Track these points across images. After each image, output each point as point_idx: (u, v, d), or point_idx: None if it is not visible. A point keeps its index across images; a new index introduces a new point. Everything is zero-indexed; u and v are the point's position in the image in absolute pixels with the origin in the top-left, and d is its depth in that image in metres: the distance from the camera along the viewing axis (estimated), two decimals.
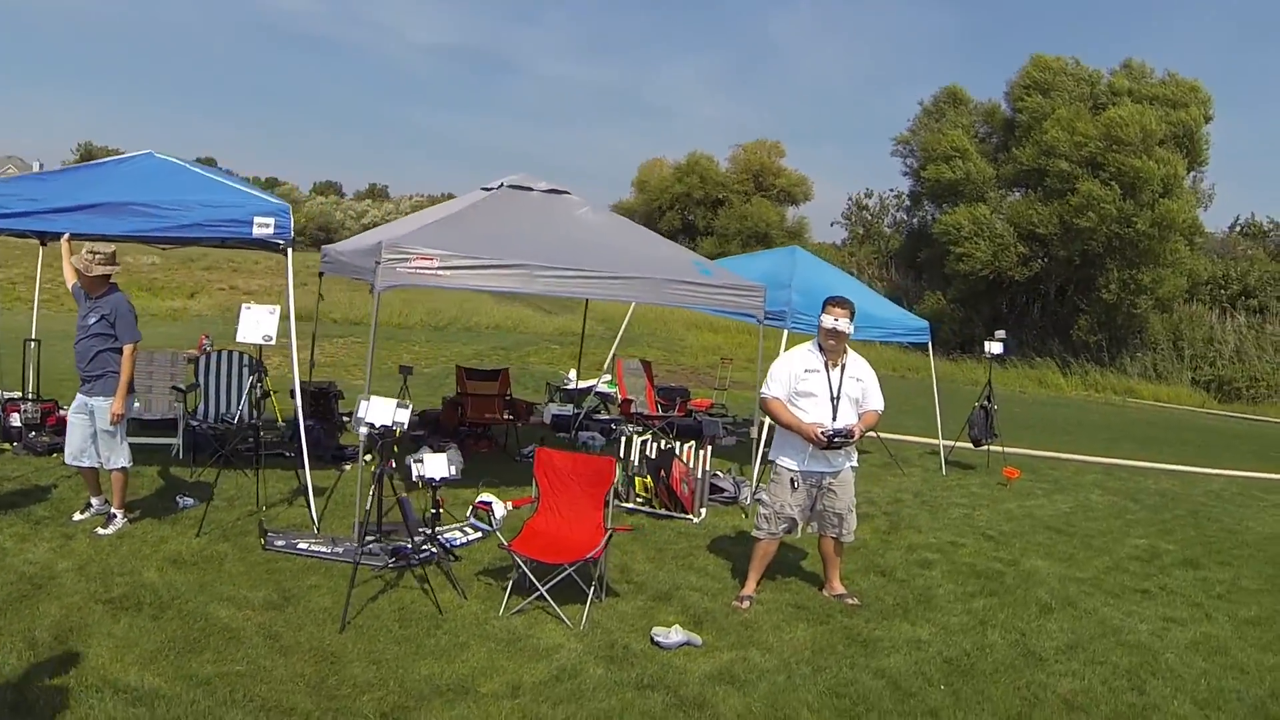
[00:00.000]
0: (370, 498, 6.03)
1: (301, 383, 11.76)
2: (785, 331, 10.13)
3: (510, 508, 6.79)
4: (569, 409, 12.65)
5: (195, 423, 9.43)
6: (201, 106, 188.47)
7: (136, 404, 7.57)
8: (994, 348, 12.17)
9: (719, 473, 9.38)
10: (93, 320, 6.71)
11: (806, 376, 6.17)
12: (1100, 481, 12.13)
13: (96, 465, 6.89)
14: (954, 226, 28.54)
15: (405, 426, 5.92)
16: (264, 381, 8.62)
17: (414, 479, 6.37)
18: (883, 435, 13.87)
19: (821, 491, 6.26)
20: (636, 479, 8.67)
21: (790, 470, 6.23)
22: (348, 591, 5.60)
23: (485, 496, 7.06)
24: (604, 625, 5.80)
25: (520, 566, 6.02)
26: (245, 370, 9.83)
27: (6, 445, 8.90)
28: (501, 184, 9.18)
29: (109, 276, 6.83)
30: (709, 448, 8.88)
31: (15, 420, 9.00)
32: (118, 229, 7.30)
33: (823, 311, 6.14)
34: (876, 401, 6.28)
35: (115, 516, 6.83)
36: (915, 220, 35.61)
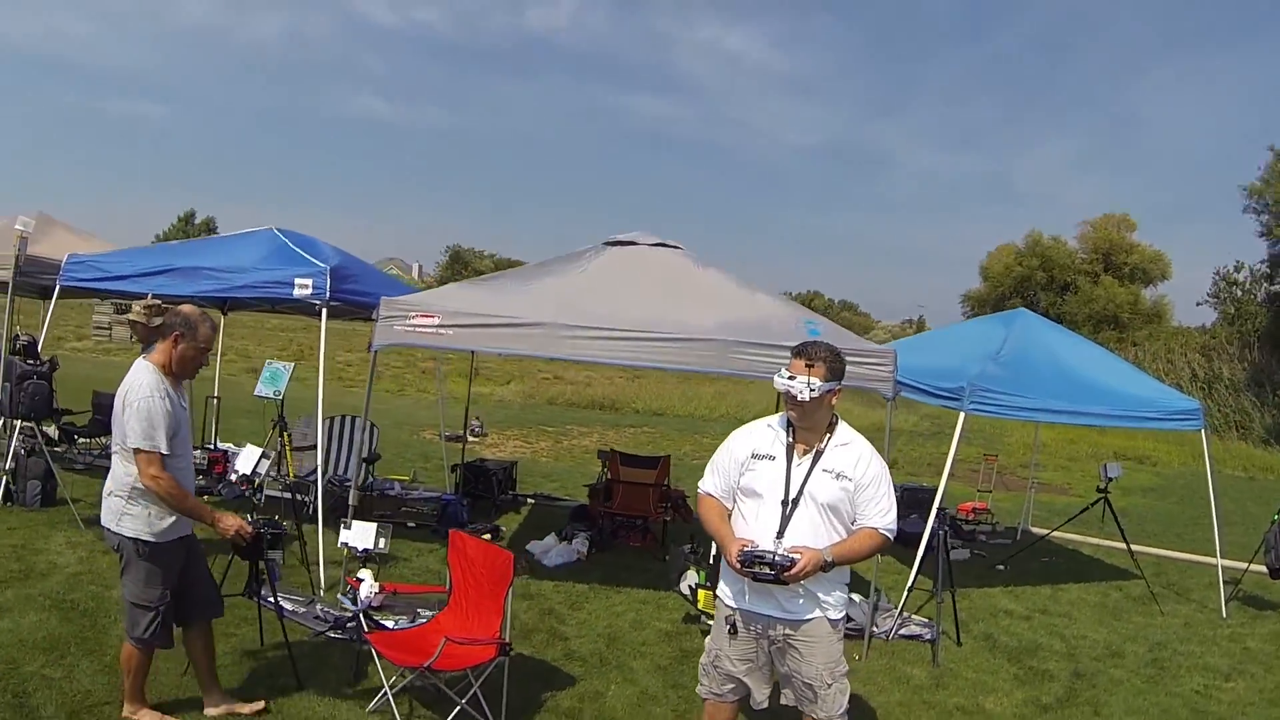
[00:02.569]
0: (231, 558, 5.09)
1: (472, 461, 11.00)
2: (961, 416, 7.45)
3: (376, 589, 5.13)
4: None
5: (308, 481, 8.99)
6: (572, 210, 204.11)
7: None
8: None
9: (853, 597, 6.87)
10: None
11: (755, 465, 3.74)
12: None
13: None
14: None
15: (264, 476, 5.53)
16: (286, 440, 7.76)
17: (339, 544, 5.31)
18: (1152, 552, 10.33)
19: (778, 648, 3.73)
20: (701, 591, 6.44)
21: (727, 607, 3.81)
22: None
23: (362, 573, 5.37)
24: None
25: (376, 662, 4.67)
26: (365, 435, 9.30)
27: None
28: (605, 242, 7.57)
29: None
30: None
31: None
32: (188, 289, 7.55)
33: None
34: (877, 515, 3.66)
35: None
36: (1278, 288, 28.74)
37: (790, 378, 3.64)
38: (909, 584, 6.98)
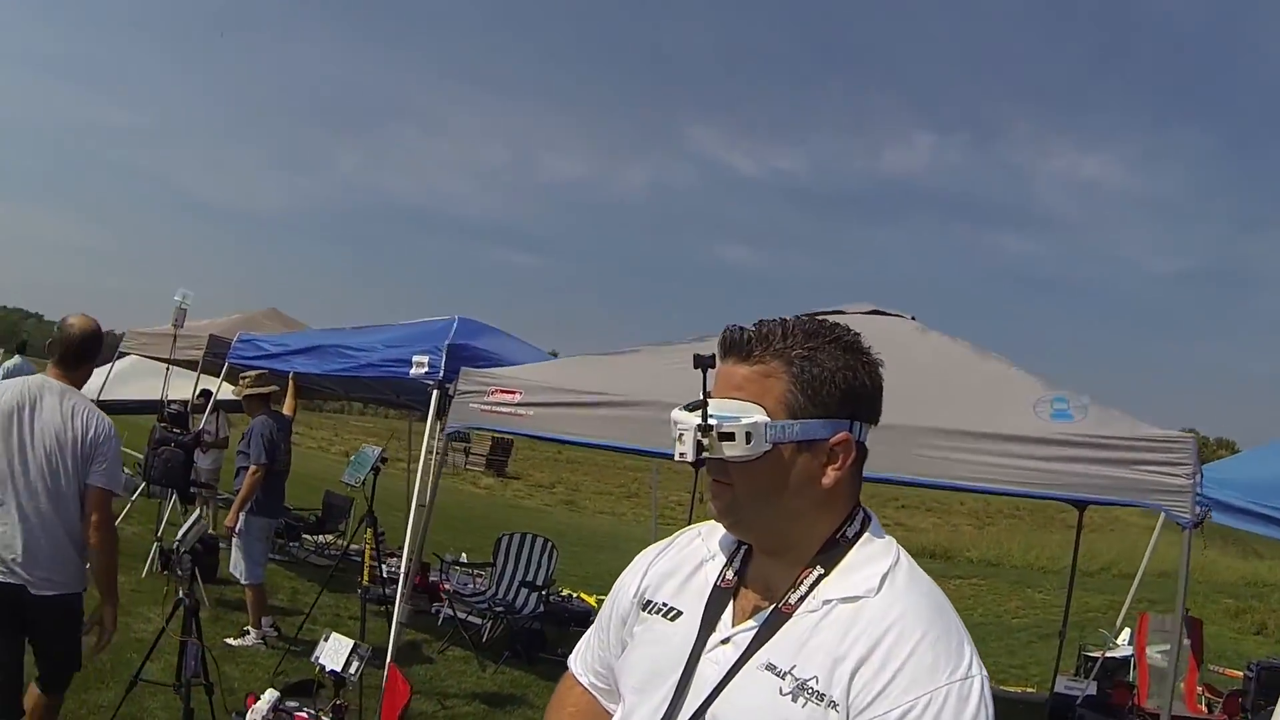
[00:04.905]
0: None
1: None
2: None
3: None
4: (1085, 686, 6.99)
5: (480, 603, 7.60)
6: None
7: None
8: None
9: None
10: (243, 441, 6.67)
11: (640, 627, 1.38)
12: None
13: None
14: None
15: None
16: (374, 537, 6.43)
17: (312, 658, 4.42)
18: None
19: None
20: None
21: None
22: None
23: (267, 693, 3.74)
24: None
25: None
26: (544, 558, 7.78)
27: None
28: (803, 315, 5.69)
29: (265, 398, 6.82)
30: None
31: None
32: (321, 368, 7.25)
33: None
34: None
35: (248, 632, 6.20)
36: None
37: (679, 426, 1.28)
38: None
